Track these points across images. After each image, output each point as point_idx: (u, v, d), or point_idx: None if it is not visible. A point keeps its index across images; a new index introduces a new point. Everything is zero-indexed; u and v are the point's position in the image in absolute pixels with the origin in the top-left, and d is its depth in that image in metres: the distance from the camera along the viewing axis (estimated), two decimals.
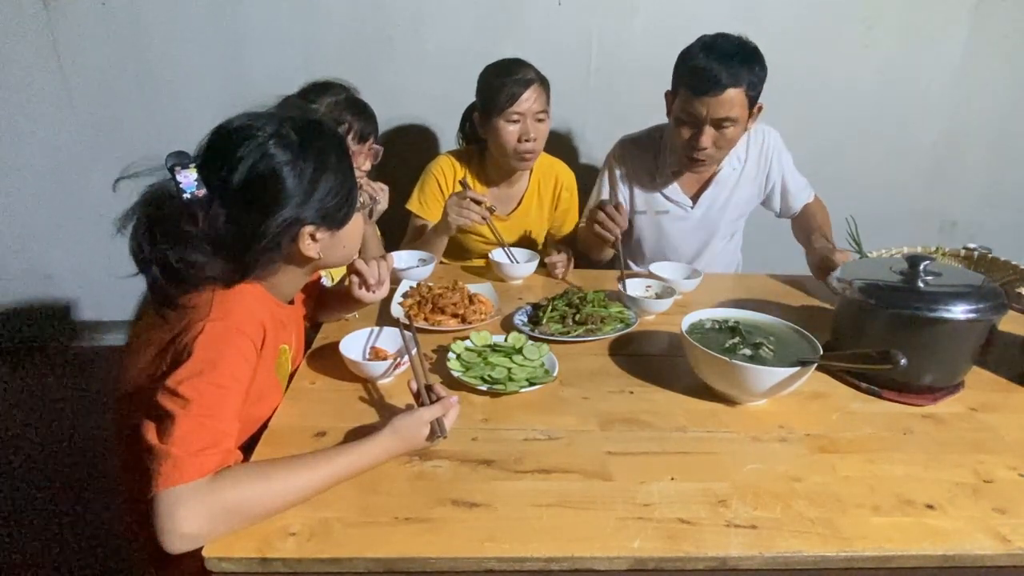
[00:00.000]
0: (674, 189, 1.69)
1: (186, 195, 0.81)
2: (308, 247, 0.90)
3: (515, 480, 0.84)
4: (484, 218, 1.54)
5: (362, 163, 1.51)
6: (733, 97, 1.42)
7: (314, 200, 0.87)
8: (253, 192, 0.84)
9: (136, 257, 0.83)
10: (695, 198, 1.70)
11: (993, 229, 2.50)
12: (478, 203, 1.52)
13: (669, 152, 1.67)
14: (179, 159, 0.82)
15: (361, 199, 0.99)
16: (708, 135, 1.48)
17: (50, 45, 2.13)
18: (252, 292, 0.90)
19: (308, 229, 0.88)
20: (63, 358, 2.54)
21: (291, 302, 1.03)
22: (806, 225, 1.71)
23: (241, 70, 2.19)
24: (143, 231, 0.82)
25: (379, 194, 1.50)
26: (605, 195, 1.72)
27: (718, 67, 1.41)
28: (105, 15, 2.11)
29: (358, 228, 1.00)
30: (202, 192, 0.82)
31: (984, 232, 2.48)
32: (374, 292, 1.14)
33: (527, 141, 1.62)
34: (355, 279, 1.14)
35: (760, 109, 1.53)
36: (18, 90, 2.19)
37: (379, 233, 1.73)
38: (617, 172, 1.72)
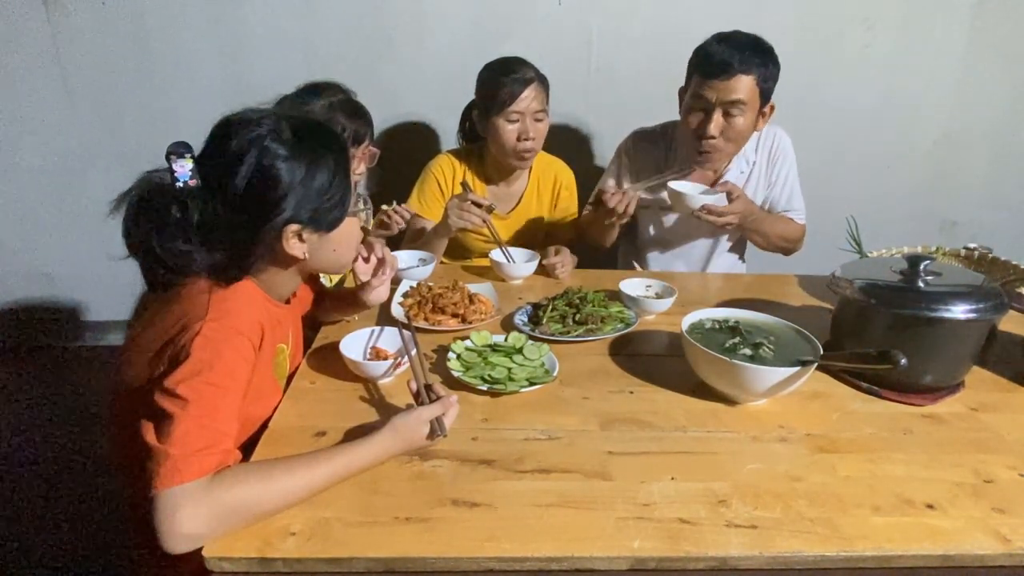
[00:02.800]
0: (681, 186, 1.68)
1: (179, 183, 0.82)
2: (293, 246, 0.90)
3: (515, 480, 0.84)
4: (484, 221, 1.54)
5: (356, 166, 1.50)
6: (743, 83, 1.43)
7: (303, 200, 0.87)
8: (242, 185, 0.84)
9: (125, 241, 0.84)
10: None
11: (993, 229, 2.50)
12: (479, 205, 1.53)
13: (679, 148, 1.66)
14: (177, 148, 0.82)
15: (356, 205, 0.99)
16: (716, 122, 1.47)
17: (50, 45, 2.13)
18: (248, 291, 0.90)
19: (293, 228, 0.88)
20: (63, 358, 2.54)
21: (288, 301, 1.04)
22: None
23: (241, 70, 2.19)
24: (132, 216, 0.83)
25: (399, 222, 1.53)
26: (611, 184, 1.73)
27: (730, 52, 1.43)
28: (105, 15, 2.11)
29: (352, 234, 0.99)
30: (195, 182, 0.83)
31: (984, 232, 2.47)
32: (380, 278, 1.16)
33: (526, 140, 1.62)
34: (359, 273, 1.16)
35: (772, 109, 1.53)
36: (18, 90, 2.18)
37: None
38: (626, 164, 1.72)
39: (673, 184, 1.51)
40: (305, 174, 0.87)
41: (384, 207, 1.59)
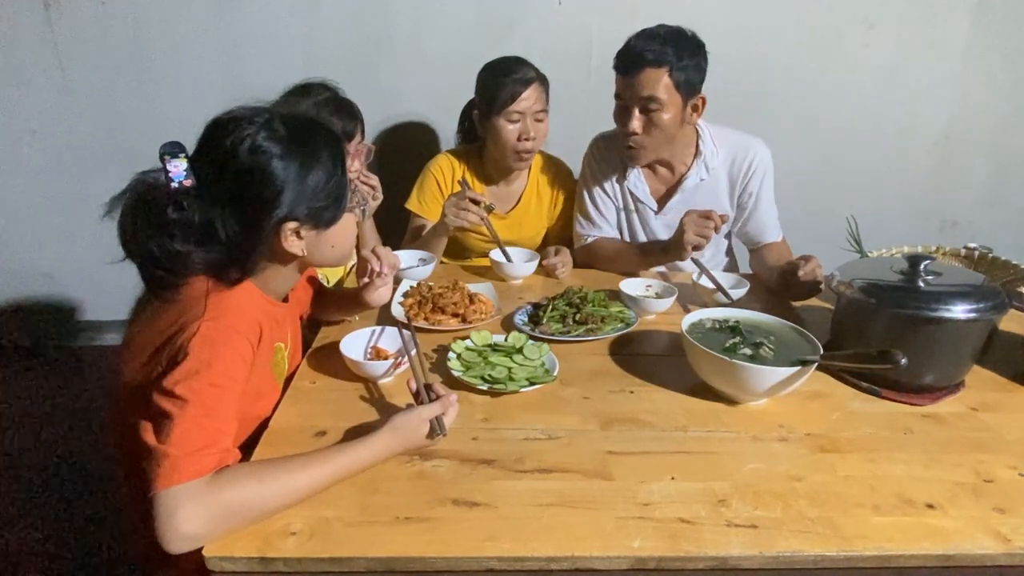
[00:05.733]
0: (642, 189, 1.64)
1: (174, 184, 0.82)
2: (291, 244, 0.89)
3: (515, 480, 0.84)
4: (483, 219, 1.54)
5: (351, 163, 1.50)
6: (653, 78, 1.40)
7: (299, 196, 0.87)
8: (237, 183, 0.84)
9: (122, 243, 0.84)
10: (660, 203, 1.64)
11: (993, 229, 2.50)
12: (476, 203, 1.52)
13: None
14: (171, 148, 0.82)
15: (353, 200, 0.99)
16: (636, 118, 1.45)
17: (50, 45, 2.13)
18: (245, 290, 0.90)
19: (291, 225, 0.88)
20: (63, 357, 2.54)
21: (285, 300, 1.03)
22: (775, 260, 1.55)
23: (241, 70, 2.19)
24: (128, 218, 0.83)
25: (373, 188, 1.50)
26: (594, 195, 1.68)
27: (640, 45, 1.41)
28: (105, 15, 2.11)
29: (349, 229, 0.99)
30: (190, 182, 0.83)
31: (984, 232, 2.47)
32: (384, 278, 1.16)
33: (527, 140, 1.62)
34: (364, 269, 1.17)
35: (704, 102, 1.48)
36: (18, 90, 2.19)
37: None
38: (596, 168, 1.68)
39: (702, 281, 1.43)
40: (300, 171, 0.87)
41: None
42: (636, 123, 1.46)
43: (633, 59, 1.41)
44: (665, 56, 1.39)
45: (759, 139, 1.62)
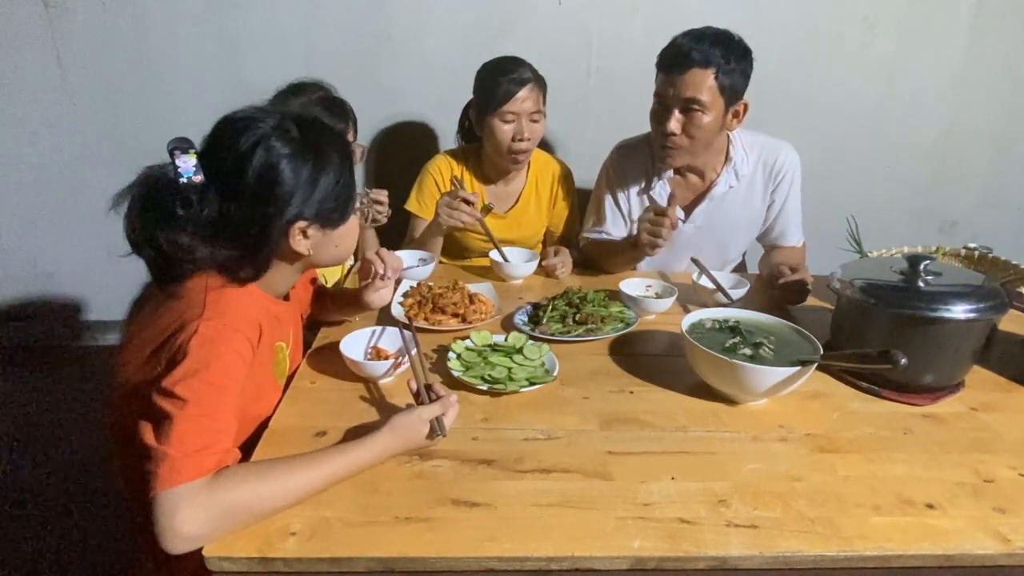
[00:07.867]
0: (667, 198, 1.60)
1: (183, 179, 0.82)
2: (298, 243, 0.90)
3: (515, 480, 0.84)
4: (477, 219, 1.53)
5: None
6: (699, 78, 1.36)
7: (309, 196, 0.87)
8: (249, 182, 0.84)
9: (128, 237, 0.84)
10: (688, 211, 1.62)
11: (993, 229, 2.50)
12: (469, 203, 1.52)
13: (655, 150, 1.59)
14: (180, 143, 0.82)
15: (360, 203, 0.99)
16: (675, 118, 1.41)
17: (50, 45, 2.13)
18: (246, 289, 0.90)
19: (300, 225, 0.88)
20: (64, 357, 2.54)
21: (287, 298, 1.03)
22: (779, 262, 1.50)
23: (241, 70, 2.19)
24: (136, 211, 0.83)
25: (381, 204, 1.50)
26: (604, 202, 1.68)
27: (687, 44, 1.38)
28: (105, 15, 2.11)
29: (353, 230, 0.99)
30: (199, 178, 0.83)
31: (984, 232, 2.47)
32: (386, 279, 1.16)
33: (520, 141, 1.62)
34: (368, 271, 1.17)
35: (746, 108, 1.46)
36: (18, 90, 2.19)
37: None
38: (614, 178, 1.66)
39: (702, 281, 1.43)
40: (312, 172, 0.87)
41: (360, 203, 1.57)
42: (675, 124, 1.42)
43: (680, 58, 1.38)
44: (713, 57, 1.36)
45: (788, 144, 1.60)
